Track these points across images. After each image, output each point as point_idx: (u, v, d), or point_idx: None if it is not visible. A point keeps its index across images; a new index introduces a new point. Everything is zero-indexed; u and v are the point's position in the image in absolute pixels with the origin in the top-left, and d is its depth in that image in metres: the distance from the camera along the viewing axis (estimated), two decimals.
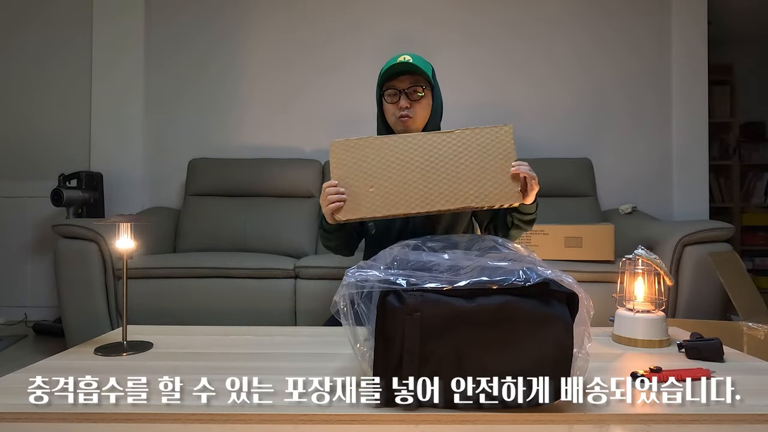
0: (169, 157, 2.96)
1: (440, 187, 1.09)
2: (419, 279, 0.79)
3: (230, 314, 2.06)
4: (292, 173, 2.76)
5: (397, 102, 1.39)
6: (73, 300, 2.07)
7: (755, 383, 0.88)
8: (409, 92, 1.38)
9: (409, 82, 1.39)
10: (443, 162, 1.11)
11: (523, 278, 0.77)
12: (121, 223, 1.12)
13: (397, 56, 1.41)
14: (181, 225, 2.68)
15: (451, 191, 1.08)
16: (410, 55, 1.41)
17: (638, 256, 1.21)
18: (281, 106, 2.98)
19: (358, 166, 1.11)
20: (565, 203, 2.66)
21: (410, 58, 1.39)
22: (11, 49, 3.00)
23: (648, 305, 1.18)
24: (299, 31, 2.98)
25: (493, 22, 2.97)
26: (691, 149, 2.91)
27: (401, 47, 1.76)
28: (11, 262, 2.95)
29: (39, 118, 3.00)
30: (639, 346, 1.13)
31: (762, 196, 3.83)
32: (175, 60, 2.99)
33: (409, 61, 1.37)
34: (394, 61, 1.39)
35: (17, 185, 2.97)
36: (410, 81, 1.39)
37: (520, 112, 2.95)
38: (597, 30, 2.96)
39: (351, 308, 0.79)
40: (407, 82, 1.39)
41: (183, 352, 1.07)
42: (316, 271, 2.11)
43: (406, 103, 1.38)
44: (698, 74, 2.91)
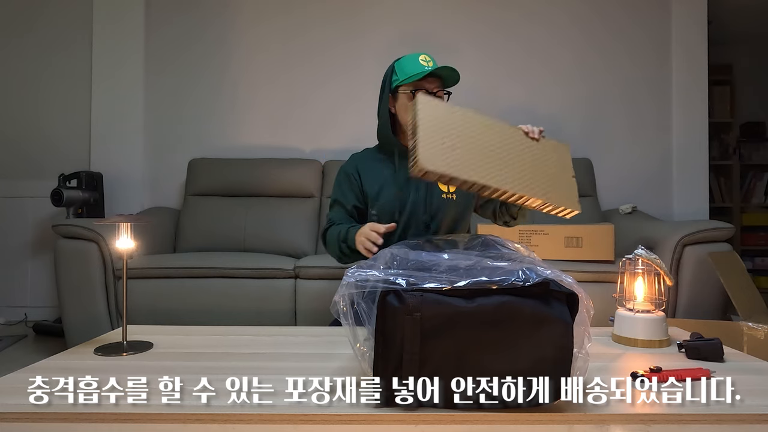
0: (169, 157, 2.96)
1: (515, 173, 1.11)
2: (419, 279, 0.79)
3: (230, 314, 2.06)
4: (292, 173, 2.75)
5: None
6: (73, 300, 2.07)
7: (755, 383, 0.88)
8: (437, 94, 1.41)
9: (437, 85, 1.42)
10: (518, 154, 1.15)
11: (522, 278, 0.77)
12: (121, 223, 1.12)
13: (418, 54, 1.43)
14: (181, 225, 2.68)
15: (524, 180, 1.11)
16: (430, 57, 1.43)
17: (638, 256, 1.21)
18: (281, 106, 2.98)
19: (443, 125, 1.11)
20: None
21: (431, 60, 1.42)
22: (12, 50, 3.01)
23: (648, 305, 1.18)
24: (299, 31, 2.98)
25: (493, 23, 2.97)
26: (691, 149, 2.91)
27: (401, 48, 1.76)
28: (11, 262, 2.95)
29: (39, 118, 3.00)
30: (639, 346, 1.13)
31: (762, 196, 3.83)
32: (175, 60, 2.99)
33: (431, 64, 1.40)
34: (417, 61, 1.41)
35: (17, 185, 2.97)
36: (438, 84, 1.42)
37: (521, 112, 2.95)
38: (597, 30, 2.96)
39: (351, 308, 0.79)
40: (435, 85, 1.42)
41: (183, 352, 1.07)
42: (316, 271, 2.11)
43: None
44: (698, 74, 2.91)
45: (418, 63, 1.41)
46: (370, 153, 1.57)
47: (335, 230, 1.43)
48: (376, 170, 1.50)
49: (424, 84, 1.40)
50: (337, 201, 1.53)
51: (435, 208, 1.46)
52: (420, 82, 1.40)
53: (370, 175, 1.50)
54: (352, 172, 1.52)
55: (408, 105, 1.40)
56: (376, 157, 1.53)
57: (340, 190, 1.53)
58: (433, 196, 1.46)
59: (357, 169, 1.52)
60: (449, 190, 1.47)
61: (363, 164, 1.53)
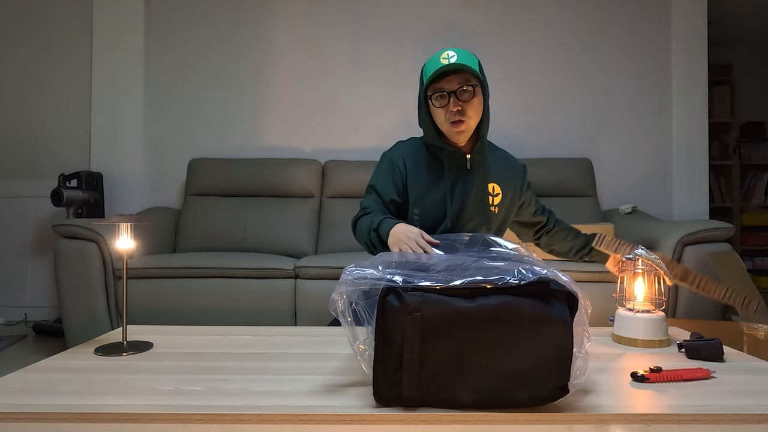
0: (169, 157, 2.96)
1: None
2: (416, 278, 0.79)
3: (230, 314, 2.06)
4: (292, 173, 2.76)
5: (447, 105, 1.28)
6: (73, 300, 2.07)
7: (755, 383, 0.88)
8: (459, 93, 1.26)
9: (458, 82, 1.26)
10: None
11: (518, 277, 0.77)
12: (121, 223, 1.12)
13: (440, 53, 1.29)
14: (181, 225, 2.68)
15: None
16: (455, 51, 1.28)
17: (638, 256, 1.21)
18: (281, 105, 2.98)
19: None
20: (565, 203, 2.66)
21: (455, 54, 1.26)
22: (12, 49, 3.01)
23: (648, 305, 1.18)
24: (300, 30, 2.98)
25: (492, 23, 2.97)
26: (691, 149, 2.91)
27: (401, 47, 1.76)
28: (11, 262, 2.95)
29: (39, 119, 3.00)
30: (639, 346, 1.12)
31: (762, 196, 3.83)
32: (175, 60, 2.99)
33: (454, 59, 1.25)
34: (437, 60, 1.27)
35: (17, 185, 2.97)
36: (459, 80, 1.27)
37: (521, 113, 2.96)
38: (597, 30, 2.96)
39: (349, 307, 0.79)
40: (455, 82, 1.27)
41: (183, 352, 1.07)
42: (316, 271, 2.11)
43: (456, 106, 1.26)
44: (698, 74, 2.91)
45: (437, 62, 1.28)
46: (418, 146, 1.42)
47: (368, 219, 1.30)
48: (425, 165, 1.38)
49: (443, 85, 1.28)
50: (375, 189, 1.39)
51: (482, 218, 1.38)
52: (439, 84, 1.28)
53: (416, 171, 1.38)
54: (398, 162, 1.39)
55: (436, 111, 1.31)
56: (423, 153, 1.40)
57: (381, 179, 1.39)
58: (480, 206, 1.37)
59: (404, 161, 1.39)
60: (494, 203, 1.39)
61: (411, 157, 1.40)
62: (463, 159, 1.37)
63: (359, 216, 1.36)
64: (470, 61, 1.27)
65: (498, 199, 1.39)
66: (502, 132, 2.93)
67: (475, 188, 1.37)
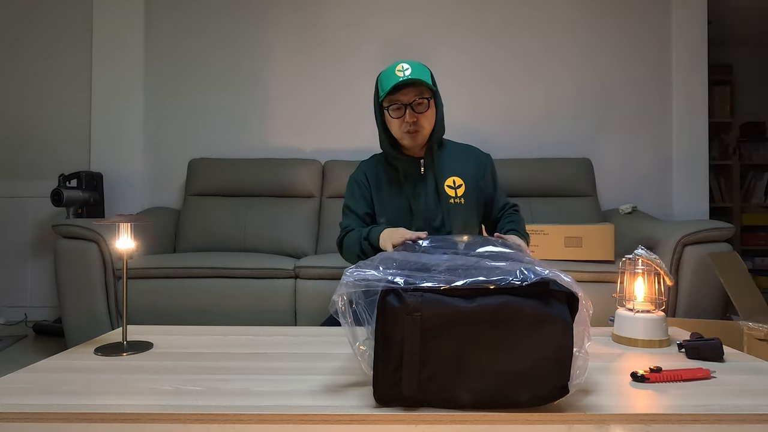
0: (169, 157, 2.96)
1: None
2: (417, 279, 0.79)
3: (230, 314, 2.06)
4: (292, 173, 2.75)
5: (403, 116, 1.38)
6: (73, 300, 2.07)
7: (755, 383, 0.88)
8: (414, 105, 1.36)
9: (413, 95, 1.36)
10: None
11: (520, 278, 0.77)
12: (121, 223, 1.12)
13: (395, 65, 1.38)
14: (181, 225, 2.68)
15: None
16: (408, 63, 1.37)
17: (638, 256, 1.21)
18: (282, 105, 2.98)
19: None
20: (565, 203, 2.66)
21: (409, 67, 1.36)
22: (11, 50, 3.01)
23: (648, 305, 1.18)
24: (300, 31, 2.98)
25: (493, 23, 2.97)
26: (691, 149, 2.91)
27: (403, 48, 1.76)
28: (11, 262, 2.95)
29: (39, 118, 3.00)
30: (639, 346, 1.12)
31: (762, 196, 3.83)
32: (175, 60, 2.99)
33: (409, 73, 1.34)
34: (392, 73, 1.36)
35: (17, 185, 2.97)
36: (414, 93, 1.36)
37: (521, 113, 2.96)
38: (597, 30, 2.96)
39: (349, 308, 0.79)
40: (411, 95, 1.36)
41: (183, 352, 1.07)
42: (316, 271, 2.11)
43: (412, 117, 1.37)
44: (698, 74, 2.91)
45: (393, 75, 1.36)
46: (377, 160, 1.57)
47: (355, 234, 1.43)
48: (384, 178, 1.52)
49: (399, 97, 1.36)
50: (350, 209, 1.54)
51: (445, 213, 1.46)
52: (394, 96, 1.36)
53: (378, 182, 1.52)
54: (361, 179, 1.54)
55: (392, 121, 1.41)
56: (383, 165, 1.54)
57: (352, 198, 1.54)
58: (442, 201, 1.46)
59: (366, 176, 1.54)
60: (457, 195, 1.47)
61: (371, 171, 1.54)
62: (416, 164, 1.49)
63: (343, 235, 1.48)
64: (423, 75, 1.37)
65: (461, 190, 1.47)
66: (502, 132, 2.93)
67: (431, 188, 1.48)
